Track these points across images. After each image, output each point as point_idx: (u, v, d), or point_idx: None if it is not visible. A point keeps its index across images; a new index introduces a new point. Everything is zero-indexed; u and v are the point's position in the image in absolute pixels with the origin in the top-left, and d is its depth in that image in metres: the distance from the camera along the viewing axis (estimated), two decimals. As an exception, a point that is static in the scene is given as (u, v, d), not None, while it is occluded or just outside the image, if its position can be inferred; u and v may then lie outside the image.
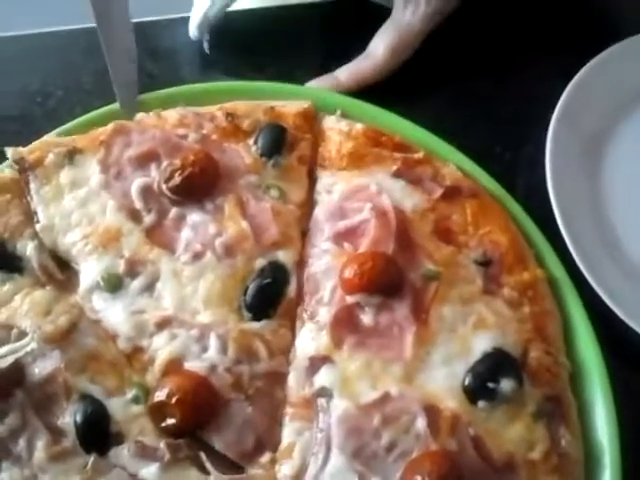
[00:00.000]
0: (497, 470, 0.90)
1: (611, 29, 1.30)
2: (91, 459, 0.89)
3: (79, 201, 1.02)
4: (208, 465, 0.90)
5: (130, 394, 0.93)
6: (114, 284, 0.97)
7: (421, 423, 0.90)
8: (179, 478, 0.90)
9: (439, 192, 1.03)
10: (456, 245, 1.00)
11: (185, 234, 1.00)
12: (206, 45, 1.27)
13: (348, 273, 0.95)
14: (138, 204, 1.02)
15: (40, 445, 0.89)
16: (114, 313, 0.96)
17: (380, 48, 1.20)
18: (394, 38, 1.19)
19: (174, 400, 0.90)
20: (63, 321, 0.94)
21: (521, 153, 1.19)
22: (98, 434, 0.91)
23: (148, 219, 1.01)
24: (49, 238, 1.00)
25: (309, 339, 0.95)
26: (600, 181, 1.16)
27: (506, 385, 0.92)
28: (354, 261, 0.96)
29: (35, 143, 1.06)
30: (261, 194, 1.04)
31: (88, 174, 1.04)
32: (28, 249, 0.99)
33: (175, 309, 0.96)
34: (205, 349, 0.94)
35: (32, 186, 1.03)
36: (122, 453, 0.90)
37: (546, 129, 1.13)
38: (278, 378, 0.95)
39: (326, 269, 0.98)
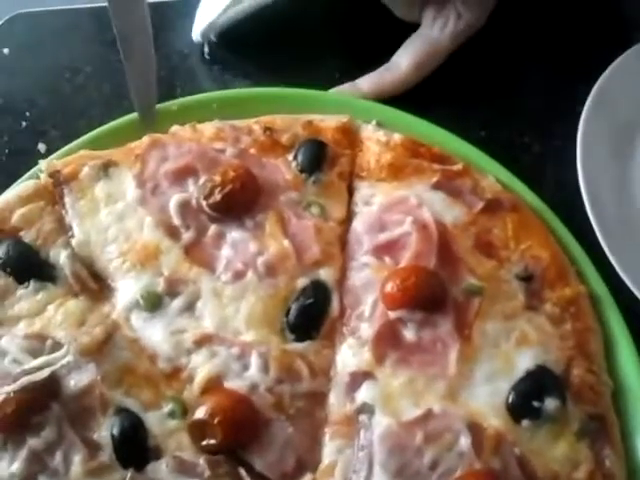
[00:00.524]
0: (543, 490, 0.88)
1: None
2: (129, 474, 0.87)
3: (116, 216, 1.00)
4: (248, 481, 0.87)
5: (166, 408, 0.91)
6: (153, 303, 0.95)
7: (464, 441, 0.88)
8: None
9: (480, 205, 1.01)
10: (498, 260, 0.99)
11: (225, 252, 0.99)
12: (207, 50, 1.25)
13: (390, 288, 0.94)
14: (176, 220, 1.00)
15: (77, 459, 0.87)
16: (153, 333, 0.94)
17: (405, 61, 1.18)
18: (420, 53, 1.17)
19: (216, 420, 0.88)
20: (98, 332, 0.92)
21: (550, 148, 1.17)
22: (135, 448, 0.89)
23: (187, 236, 0.99)
24: (85, 253, 0.98)
25: (350, 355, 0.94)
26: (632, 173, 1.14)
27: (550, 404, 0.91)
28: (396, 276, 0.94)
29: (69, 157, 1.04)
30: (301, 211, 1.01)
31: (124, 187, 1.02)
32: (61, 257, 0.97)
33: (216, 329, 0.94)
34: (246, 368, 0.92)
35: (67, 200, 1.01)
36: (160, 468, 0.88)
37: (575, 125, 1.11)
38: (319, 398, 0.93)
39: (366, 283, 0.97)
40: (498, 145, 1.10)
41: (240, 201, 1.00)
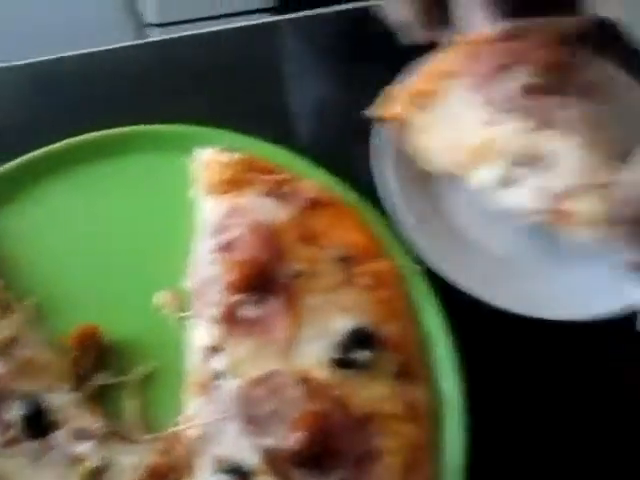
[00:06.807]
0: (360, 423, 1.11)
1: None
2: (36, 444, 1.09)
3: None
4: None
5: (67, 387, 1.13)
6: None
7: (298, 391, 1.11)
8: (112, 451, 1.10)
9: (303, 204, 1.25)
10: (318, 246, 1.22)
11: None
12: None
13: (230, 277, 1.17)
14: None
15: (-7, 434, 1.08)
16: None
17: None
18: None
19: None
20: (5, 334, 1.15)
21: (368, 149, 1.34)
22: (38, 424, 1.10)
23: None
24: None
25: (202, 332, 1.17)
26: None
27: (366, 355, 1.13)
28: (235, 267, 1.18)
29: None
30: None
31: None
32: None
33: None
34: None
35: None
36: (61, 436, 1.10)
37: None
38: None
39: (211, 275, 1.20)
40: (321, 151, 1.33)
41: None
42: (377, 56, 1.43)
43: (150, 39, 1.54)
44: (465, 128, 1.26)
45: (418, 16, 1.29)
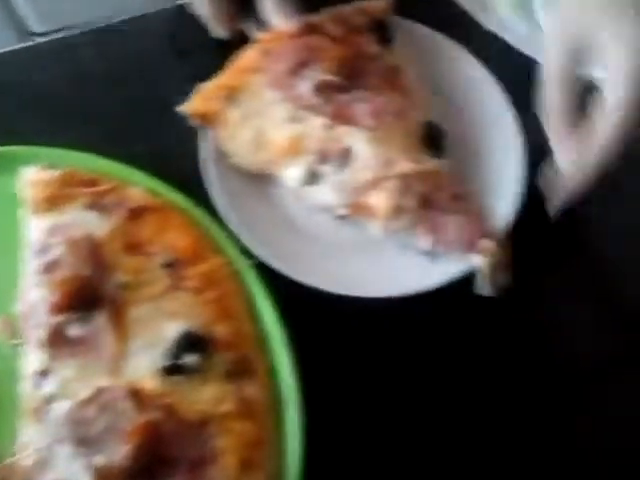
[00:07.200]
0: (193, 428, 1.11)
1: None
2: None
3: None
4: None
5: None
6: None
7: (128, 404, 1.11)
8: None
9: (126, 214, 1.24)
10: (145, 255, 1.21)
11: None
12: None
13: (53, 298, 1.17)
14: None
15: None
16: None
17: None
18: None
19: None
20: None
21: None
22: None
23: None
24: None
25: (32, 357, 1.17)
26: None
27: (195, 359, 1.13)
28: (57, 287, 1.17)
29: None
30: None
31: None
32: None
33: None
34: None
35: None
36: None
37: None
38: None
39: (37, 297, 1.19)
40: (156, 156, 1.32)
41: None
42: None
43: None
44: (269, 125, 1.25)
45: (218, 10, 1.28)
